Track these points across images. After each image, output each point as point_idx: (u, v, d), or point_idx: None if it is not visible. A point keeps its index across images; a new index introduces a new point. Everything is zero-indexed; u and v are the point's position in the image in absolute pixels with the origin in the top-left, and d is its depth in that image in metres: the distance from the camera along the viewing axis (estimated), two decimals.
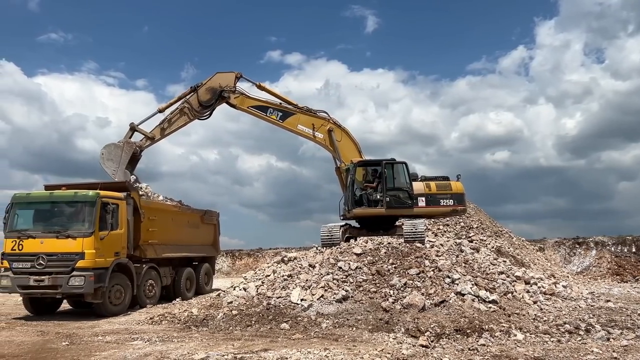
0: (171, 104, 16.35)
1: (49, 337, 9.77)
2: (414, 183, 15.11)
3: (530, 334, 9.02)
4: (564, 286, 12.75)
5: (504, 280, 11.99)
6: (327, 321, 9.87)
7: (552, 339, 8.78)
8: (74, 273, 11.94)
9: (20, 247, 12.30)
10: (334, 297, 10.82)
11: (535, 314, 10.26)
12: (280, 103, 16.68)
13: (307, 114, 16.65)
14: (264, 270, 14.07)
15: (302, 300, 11.05)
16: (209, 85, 16.29)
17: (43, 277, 12.01)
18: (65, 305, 14.35)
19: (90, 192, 12.67)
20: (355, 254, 12.60)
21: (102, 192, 12.83)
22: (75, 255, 12.03)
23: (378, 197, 14.81)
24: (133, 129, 15.89)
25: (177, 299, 15.51)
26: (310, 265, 12.69)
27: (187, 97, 16.24)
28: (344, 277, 11.64)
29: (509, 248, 21.71)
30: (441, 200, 15.26)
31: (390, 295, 10.68)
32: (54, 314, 13.54)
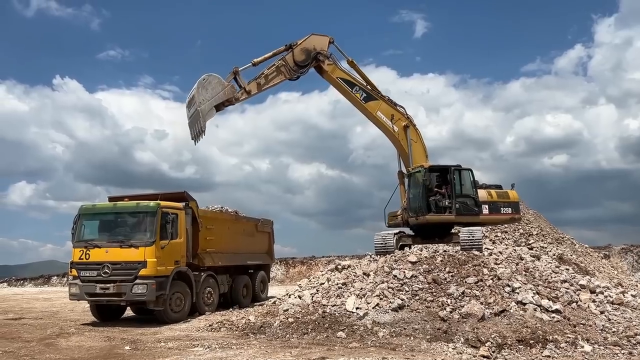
0: (265, 59, 15.54)
1: (115, 343, 10.18)
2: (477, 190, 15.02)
3: (599, 346, 8.62)
4: (633, 295, 12.08)
5: (568, 289, 11.51)
6: (384, 330, 9.78)
7: (622, 351, 8.36)
8: (137, 281, 12.40)
9: (87, 256, 12.88)
10: (389, 306, 10.71)
11: (603, 325, 9.79)
12: (366, 85, 16.26)
13: (389, 103, 16.19)
14: (319, 278, 14.12)
15: (357, 308, 11.00)
16: (303, 45, 15.61)
17: (108, 285, 12.53)
18: (128, 312, 14.91)
19: (151, 203, 13.14)
20: (411, 262, 12.44)
21: (163, 203, 13.27)
22: (137, 264, 12.49)
23: (447, 203, 14.57)
24: (235, 74, 14.86)
25: (235, 307, 15.79)
26: (364, 274, 12.63)
27: (283, 54, 15.57)
28: (400, 285, 11.52)
29: (571, 255, 20.83)
30: (501, 209, 15.28)
31: (448, 304, 10.47)
32: (119, 320, 14.08)
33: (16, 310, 17.45)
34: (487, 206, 14.98)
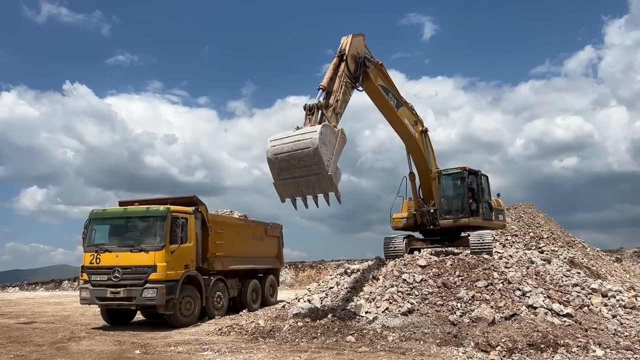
0: (329, 79, 12.28)
1: (125, 347, 10.22)
2: None
3: (611, 350, 8.53)
4: None
5: (579, 292, 11.42)
6: (393, 334, 9.76)
7: (635, 356, 8.27)
8: (147, 285, 12.43)
9: (98, 260, 12.96)
10: (399, 310, 10.69)
11: (615, 329, 9.70)
12: (395, 91, 14.66)
13: (410, 109, 15.27)
14: (328, 282, 14.12)
15: (366, 312, 10.99)
16: (351, 52, 12.84)
17: (119, 289, 12.59)
18: (139, 316, 14.97)
19: (161, 207, 13.19)
20: (420, 266, 12.42)
21: (172, 207, 13.31)
22: (147, 268, 12.53)
23: (474, 207, 14.62)
24: (320, 108, 11.55)
25: (244, 311, 15.80)
26: (373, 278, 12.61)
27: (342, 69, 12.55)
28: (409, 289, 11.49)
29: (582, 259, 20.70)
30: (499, 215, 16.13)
31: (458, 309, 10.43)
32: (129, 324, 14.14)
33: (28, 314, 17.59)
34: (493, 212, 15.59)
